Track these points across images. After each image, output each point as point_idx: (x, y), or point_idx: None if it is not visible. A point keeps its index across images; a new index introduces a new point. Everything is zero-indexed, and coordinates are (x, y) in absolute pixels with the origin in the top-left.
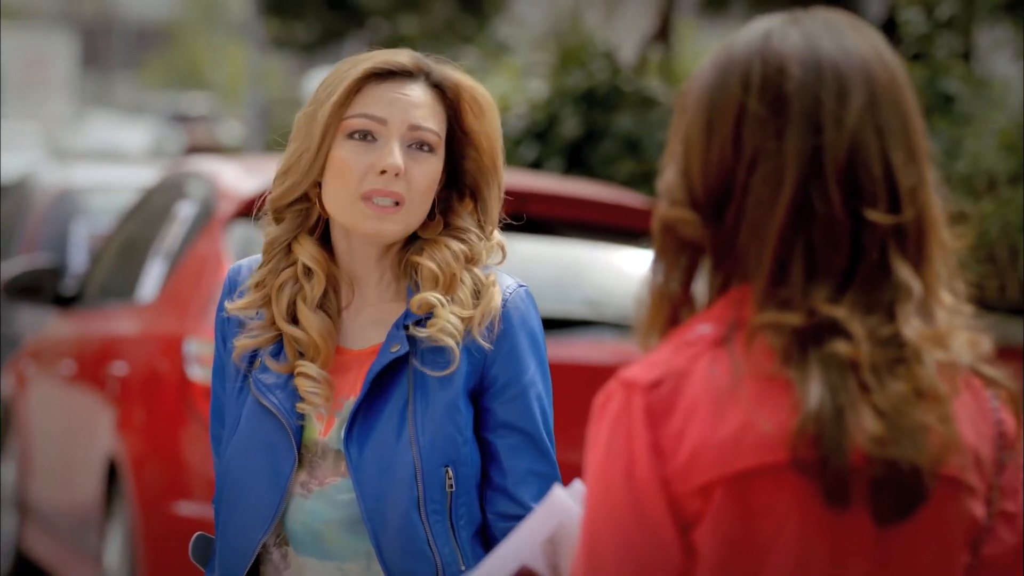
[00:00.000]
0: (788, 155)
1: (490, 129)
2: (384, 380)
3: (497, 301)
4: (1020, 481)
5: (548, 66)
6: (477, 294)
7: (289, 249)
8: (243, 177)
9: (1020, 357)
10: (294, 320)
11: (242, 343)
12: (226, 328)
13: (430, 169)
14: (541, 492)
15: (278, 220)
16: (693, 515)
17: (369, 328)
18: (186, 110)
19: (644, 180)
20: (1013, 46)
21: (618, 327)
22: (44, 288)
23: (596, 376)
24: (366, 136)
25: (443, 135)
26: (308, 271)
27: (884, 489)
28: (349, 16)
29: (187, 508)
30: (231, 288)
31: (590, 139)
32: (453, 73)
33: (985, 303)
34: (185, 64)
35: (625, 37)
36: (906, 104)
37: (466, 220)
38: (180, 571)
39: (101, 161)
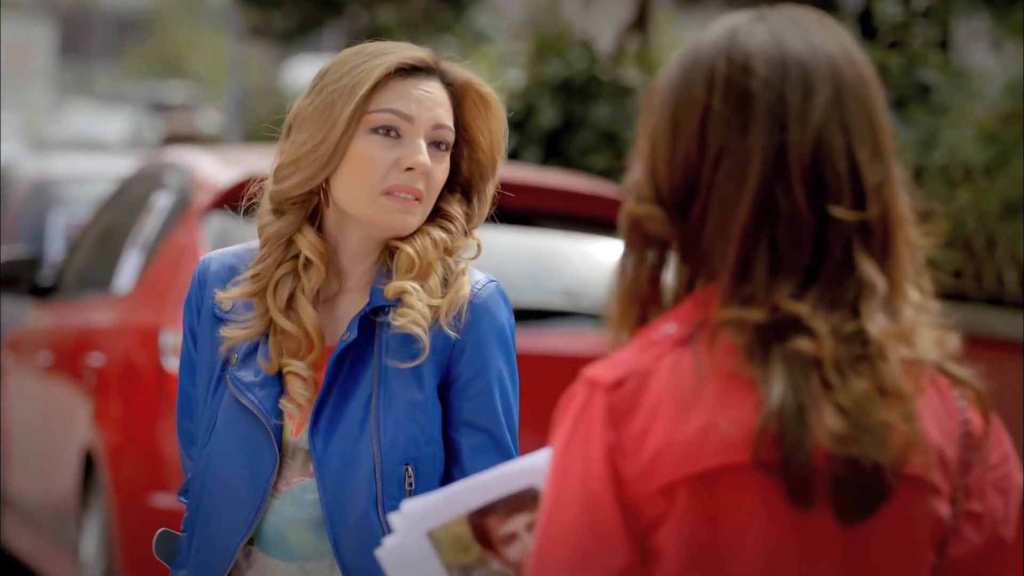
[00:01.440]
0: (752, 152)
1: (495, 128)
2: (349, 372)
3: (465, 291)
4: (987, 481)
5: (525, 55)
6: (446, 283)
7: (289, 241)
8: (220, 168)
9: (996, 347)
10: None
11: (234, 333)
12: (195, 322)
13: (445, 168)
14: None
15: (279, 212)
16: (655, 517)
17: (341, 323)
18: (165, 99)
19: (621, 171)
20: (990, 36)
21: (595, 318)
22: (22, 279)
23: (574, 367)
24: (390, 132)
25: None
26: (307, 262)
27: (846, 487)
28: (327, 5)
29: (164, 499)
30: (201, 282)
31: (567, 129)
32: (463, 72)
33: (962, 293)
34: (164, 53)
35: (603, 27)
36: (873, 101)
37: (455, 208)
38: (156, 563)
39: (80, 150)
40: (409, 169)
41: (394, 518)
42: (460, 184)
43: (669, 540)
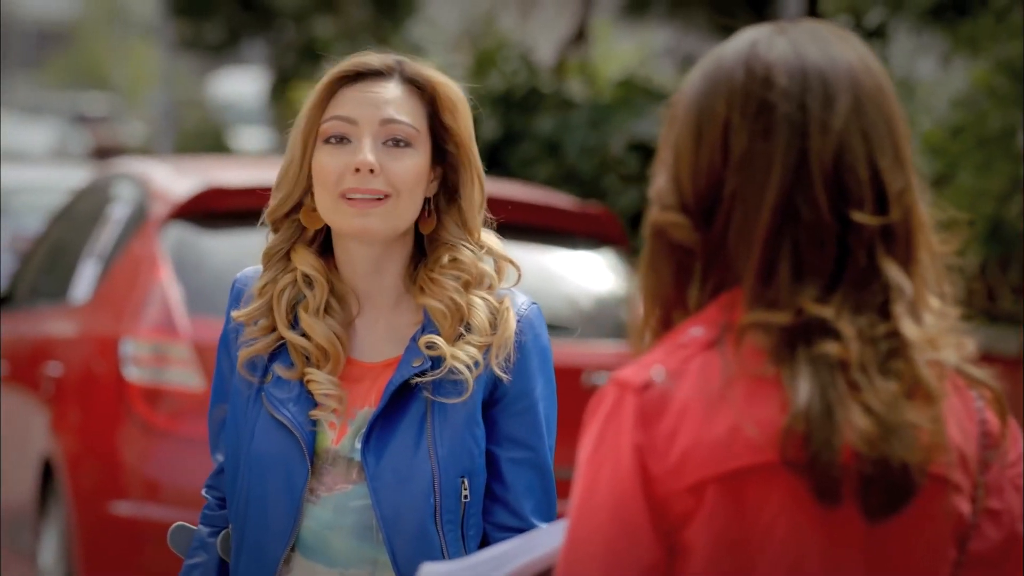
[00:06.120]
0: (774, 159)
1: (463, 127)
2: (401, 393)
3: (511, 330)
4: (1004, 479)
5: (464, 68)
6: (493, 320)
7: (288, 258)
8: (175, 179)
9: None
10: (295, 328)
11: (243, 352)
12: (230, 340)
13: (411, 164)
14: (539, 506)
15: (276, 230)
16: (683, 514)
17: (384, 342)
18: (87, 111)
19: (564, 181)
20: (939, 49)
21: (548, 328)
22: None
23: None
24: (341, 139)
25: (423, 129)
26: (308, 280)
27: (874, 486)
28: (258, 17)
29: (123, 508)
30: (237, 297)
31: (508, 141)
32: (426, 70)
33: None
34: (85, 64)
35: (542, 38)
36: (891, 110)
37: (452, 233)
38: (116, 570)
39: (4, 162)
40: (357, 171)
41: None
42: (453, 189)
43: (697, 537)
